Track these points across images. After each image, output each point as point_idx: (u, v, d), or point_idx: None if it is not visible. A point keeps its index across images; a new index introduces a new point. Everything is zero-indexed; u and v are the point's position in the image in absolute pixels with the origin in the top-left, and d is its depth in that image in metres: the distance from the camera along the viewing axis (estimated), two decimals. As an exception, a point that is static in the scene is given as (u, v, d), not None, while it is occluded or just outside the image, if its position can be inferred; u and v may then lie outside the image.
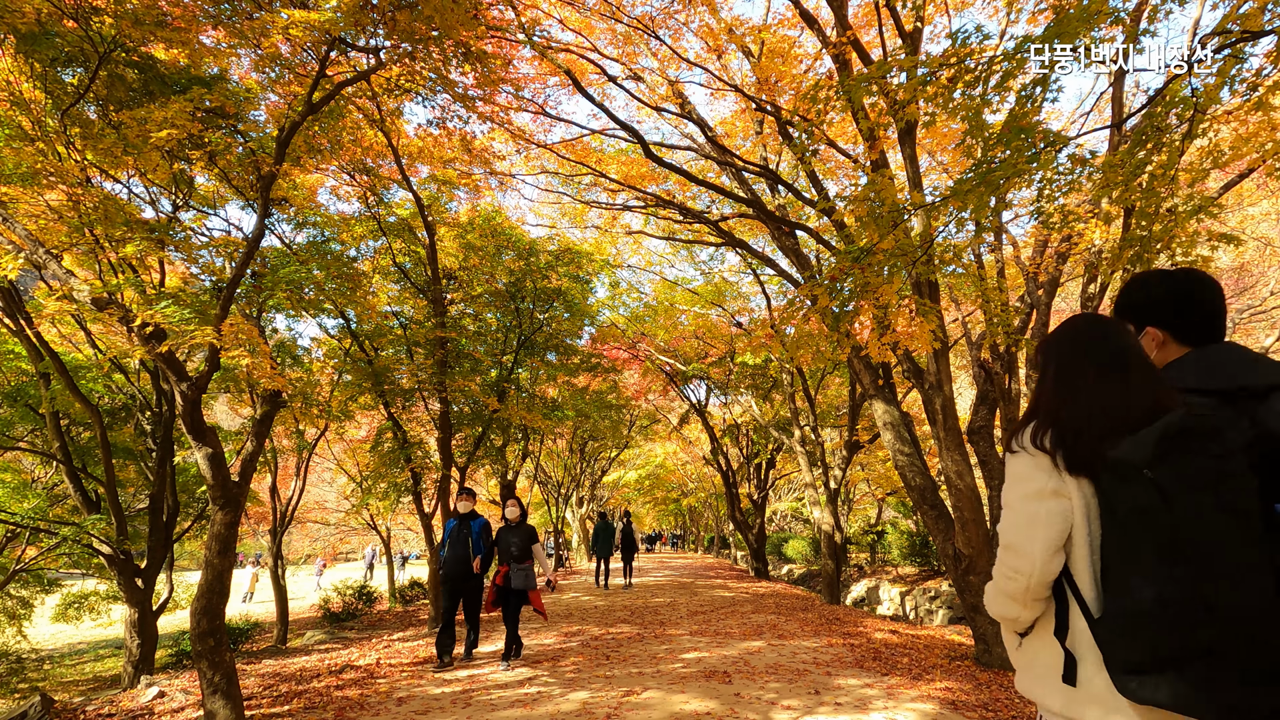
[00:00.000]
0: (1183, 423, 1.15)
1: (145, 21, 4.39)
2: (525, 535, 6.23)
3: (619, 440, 22.55)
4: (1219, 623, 1.08)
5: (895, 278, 4.44)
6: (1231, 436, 1.16)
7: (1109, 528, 1.21)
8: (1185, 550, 1.11)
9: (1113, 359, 1.32)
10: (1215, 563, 1.10)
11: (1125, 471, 1.18)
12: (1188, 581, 1.10)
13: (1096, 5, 3.30)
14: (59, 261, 4.50)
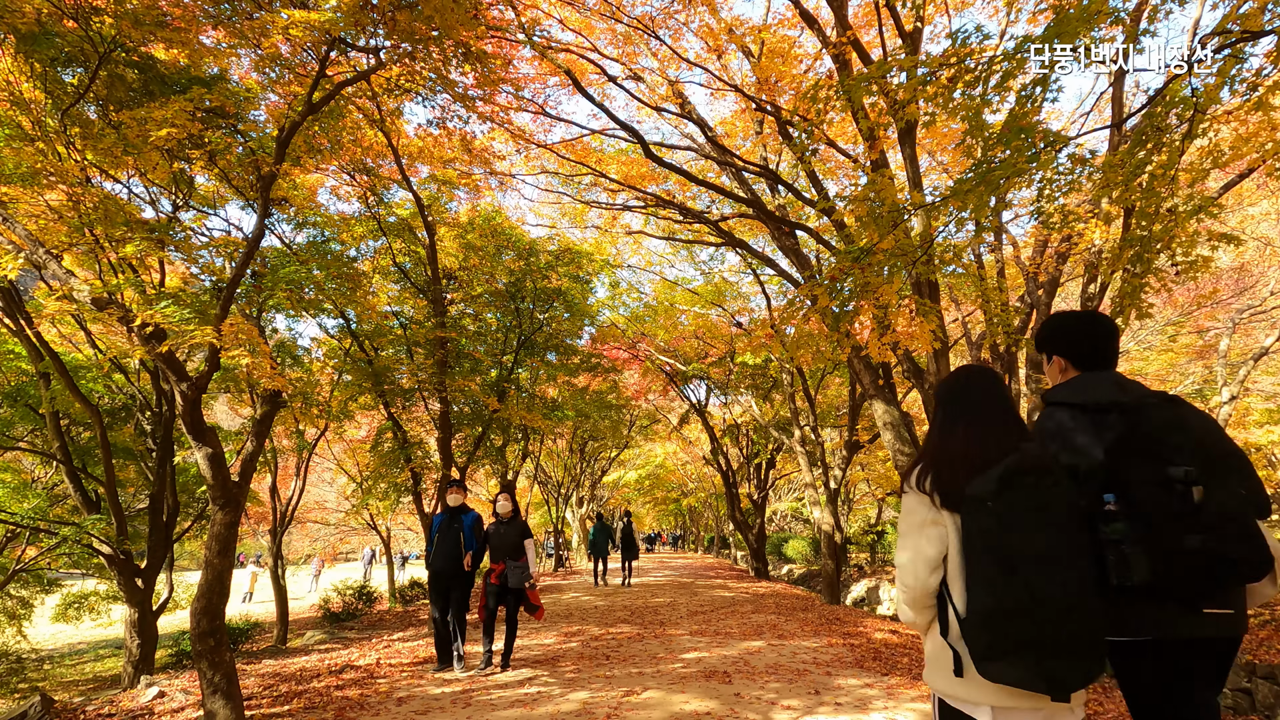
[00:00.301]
0: (1016, 464, 1.51)
1: (145, 21, 4.39)
2: (519, 531, 5.92)
3: (619, 440, 22.55)
4: (1040, 616, 1.44)
5: (895, 278, 4.43)
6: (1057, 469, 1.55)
7: (967, 548, 1.54)
8: (1015, 563, 1.46)
9: (975, 411, 1.68)
10: (1037, 572, 1.45)
11: (975, 505, 1.52)
12: (1018, 587, 1.45)
13: (1096, 5, 3.30)
14: (59, 261, 4.50)
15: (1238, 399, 15.27)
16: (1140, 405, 1.73)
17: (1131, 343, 15.80)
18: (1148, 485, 1.65)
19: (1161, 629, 1.68)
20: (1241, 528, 1.60)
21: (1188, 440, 1.66)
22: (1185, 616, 1.65)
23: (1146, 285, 4.00)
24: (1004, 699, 1.53)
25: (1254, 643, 7.23)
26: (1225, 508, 1.60)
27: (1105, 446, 1.71)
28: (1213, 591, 1.64)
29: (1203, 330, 16.99)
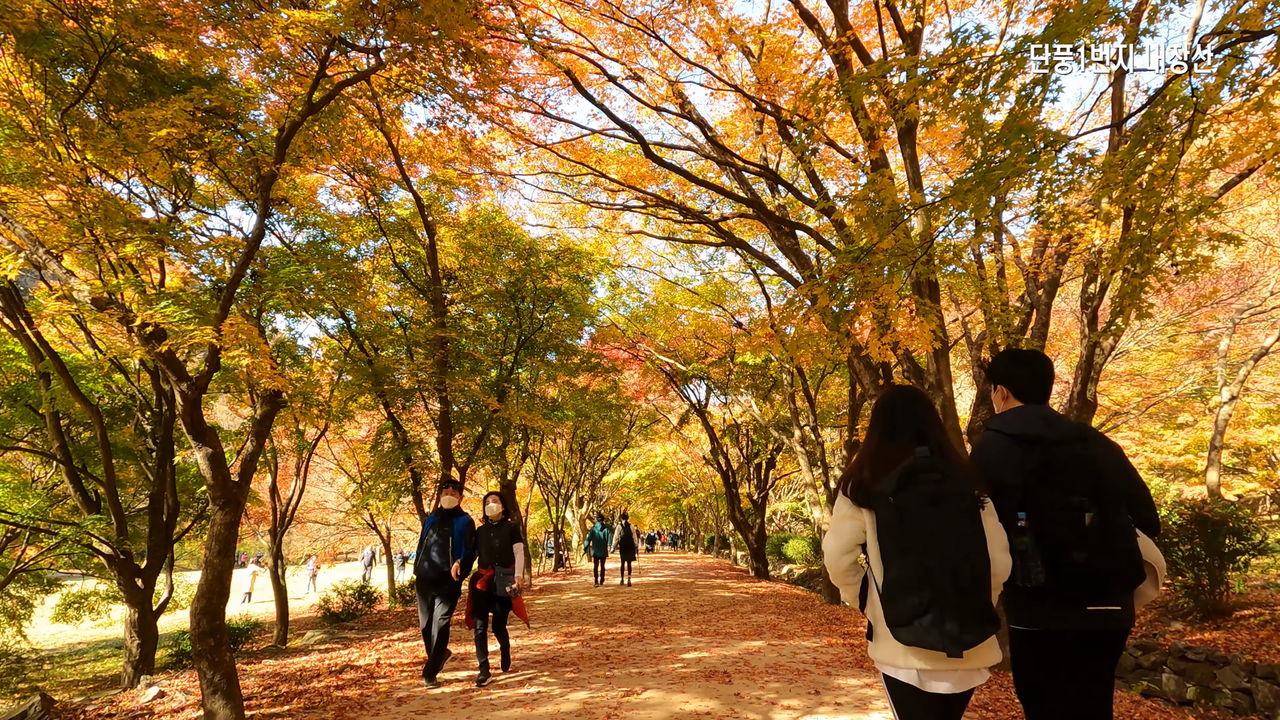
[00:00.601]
0: (910, 465, 1.90)
1: (145, 21, 4.39)
2: (509, 534, 5.57)
3: (619, 440, 22.55)
4: (935, 588, 1.79)
5: (895, 277, 4.43)
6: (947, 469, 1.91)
7: (878, 535, 1.94)
8: (910, 544, 1.85)
9: (891, 425, 2.07)
10: (930, 551, 1.82)
11: (882, 500, 1.91)
12: (916, 565, 1.83)
13: (1096, 5, 3.30)
14: (59, 261, 4.50)
15: (1238, 399, 15.26)
16: (1059, 441, 2.10)
17: (1131, 343, 15.79)
18: (1051, 509, 2.05)
19: (1049, 622, 2.11)
20: (1120, 547, 2.02)
21: (1088, 475, 2.06)
22: (1070, 613, 2.06)
23: (1146, 285, 4.00)
24: (917, 661, 1.91)
25: (1254, 643, 7.23)
26: (1109, 531, 2.02)
27: (1024, 473, 2.09)
28: (1097, 595, 2.03)
29: (1203, 330, 16.99)
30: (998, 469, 2.12)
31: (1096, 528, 2.02)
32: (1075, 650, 2.12)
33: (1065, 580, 2.02)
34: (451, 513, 5.57)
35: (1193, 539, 8.22)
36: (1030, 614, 2.17)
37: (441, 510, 5.60)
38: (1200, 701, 7.14)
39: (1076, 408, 5.87)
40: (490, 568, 5.46)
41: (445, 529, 5.44)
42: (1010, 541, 2.00)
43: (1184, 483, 18.92)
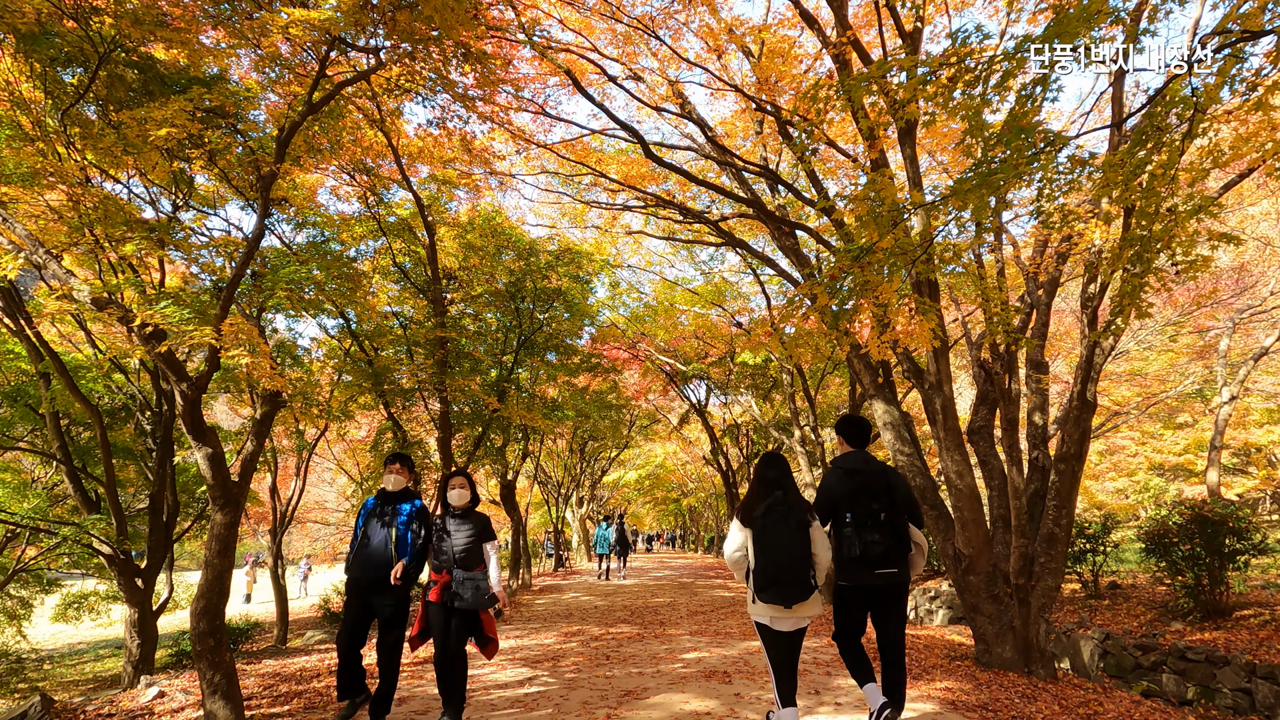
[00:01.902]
0: (768, 505, 3.32)
1: (145, 21, 4.39)
2: (476, 529, 4.27)
3: (619, 440, 22.55)
4: (779, 571, 3.20)
5: (895, 277, 4.43)
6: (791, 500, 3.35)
7: (754, 543, 3.30)
8: (770, 547, 3.25)
9: (759, 481, 3.48)
10: (778, 552, 3.24)
11: (755, 523, 3.31)
12: (770, 559, 3.25)
13: (1096, 5, 3.30)
14: (59, 261, 4.50)
15: (1238, 399, 15.26)
16: (869, 472, 3.59)
17: (1131, 343, 15.79)
18: (862, 511, 3.50)
19: (857, 579, 3.54)
20: (899, 534, 3.51)
21: (884, 492, 3.54)
22: (869, 573, 3.48)
23: (1146, 285, 4.00)
24: (770, 611, 3.34)
25: (1254, 643, 7.23)
26: (894, 524, 3.51)
27: (847, 490, 3.56)
28: (884, 563, 3.46)
29: (1203, 330, 16.99)
30: (835, 488, 3.61)
31: (886, 523, 3.50)
32: (871, 596, 3.59)
33: (866, 554, 3.46)
34: (398, 496, 4.32)
35: (1193, 539, 8.22)
36: (848, 574, 3.56)
37: (384, 493, 4.33)
38: (1200, 701, 7.14)
39: (1076, 408, 5.88)
40: (446, 572, 4.18)
41: (388, 517, 4.21)
42: (839, 530, 3.53)
43: (1184, 483, 18.92)
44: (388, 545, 4.13)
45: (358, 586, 4.16)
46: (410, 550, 4.15)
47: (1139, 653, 7.97)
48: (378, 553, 4.11)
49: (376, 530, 4.17)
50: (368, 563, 4.10)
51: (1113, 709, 5.06)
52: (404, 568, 4.07)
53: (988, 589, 5.94)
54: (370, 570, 4.08)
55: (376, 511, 4.24)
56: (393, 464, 4.40)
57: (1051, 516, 5.86)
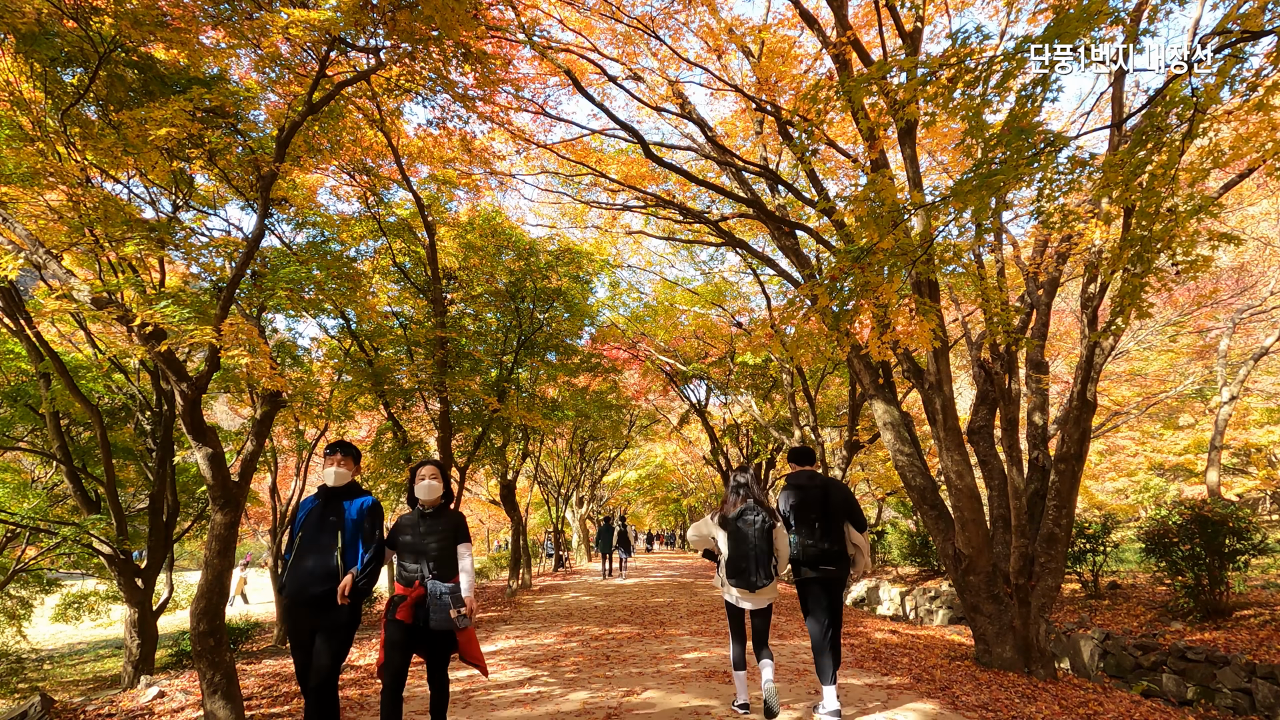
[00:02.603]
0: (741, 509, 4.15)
1: (145, 22, 4.39)
2: (449, 530, 3.59)
3: (619, 440, 22.55)
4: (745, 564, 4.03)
5: (895, 277, 4.43)
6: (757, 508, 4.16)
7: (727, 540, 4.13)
8: (740, 544, 4.08)
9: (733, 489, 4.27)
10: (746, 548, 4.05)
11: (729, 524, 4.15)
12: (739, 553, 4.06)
13: (1096, 5, 3.30)
14: (59, 261, 4.50)
15: (1238, 399, 15.26)
16: (812, 489, 4.33)
17: (1131, 343, 15.79)
18: (806, 521, 4.26)
19: (804, 575, 4.25)
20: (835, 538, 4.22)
21: (824, 502, 4.28)
22: (814, 570, 4.20)
23: (1147, 285, 4.00)
24: (737, 593, 4.07)
25: (1254, 643, 7.23)
26: (831, 531, 4.23)
27: (793, 503, 4.32)
28: (824, 562, 4.19)
29: (1203, 330, 16.99)
30: (785, 502, 4.41)
31: (823, 530, 4.25)
32: (818, 588, 4.26)
33: (811, 556, 4.23)
34: (342, 492, 3.55)
35: (1193, 539, 8.22)
36: (799, 572, 4.32)
37: (325, 490, 3.55)
38: (1200, 701, 7.14)
39: (1076, 408, 5.87)
40: (418, 585, 3.48)
41: (332, 519, 3.45)
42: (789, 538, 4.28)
43: (1184, 483, 18.92)
44: (332, 554, 3.36)
45: (295, 607, 3.36)
46: (363, 556, 3.41)
47: (1139, 653, 7.97)
48: (320, 564, 3.34)
49: (317, 536, 3.40)
50: (308, 577, 3.32)
51: (1113, 709, 5.06)
52: (354, 580, 3.33)
53: (988, 589, 5.94)
54: (311, 585, 3.30)
55: (317, 513, 3.48)
56: (332, 454, 3.59)
57: (1051, 516, 5.86)
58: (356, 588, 3.36)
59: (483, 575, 21.88)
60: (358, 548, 3.45)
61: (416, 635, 3.47)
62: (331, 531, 3.41)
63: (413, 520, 3.64)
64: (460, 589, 3.52)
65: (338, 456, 3.58)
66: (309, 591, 3.31)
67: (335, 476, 3.53)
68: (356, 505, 3.51)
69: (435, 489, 3.62)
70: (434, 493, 3.62)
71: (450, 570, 3.53)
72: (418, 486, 3.66)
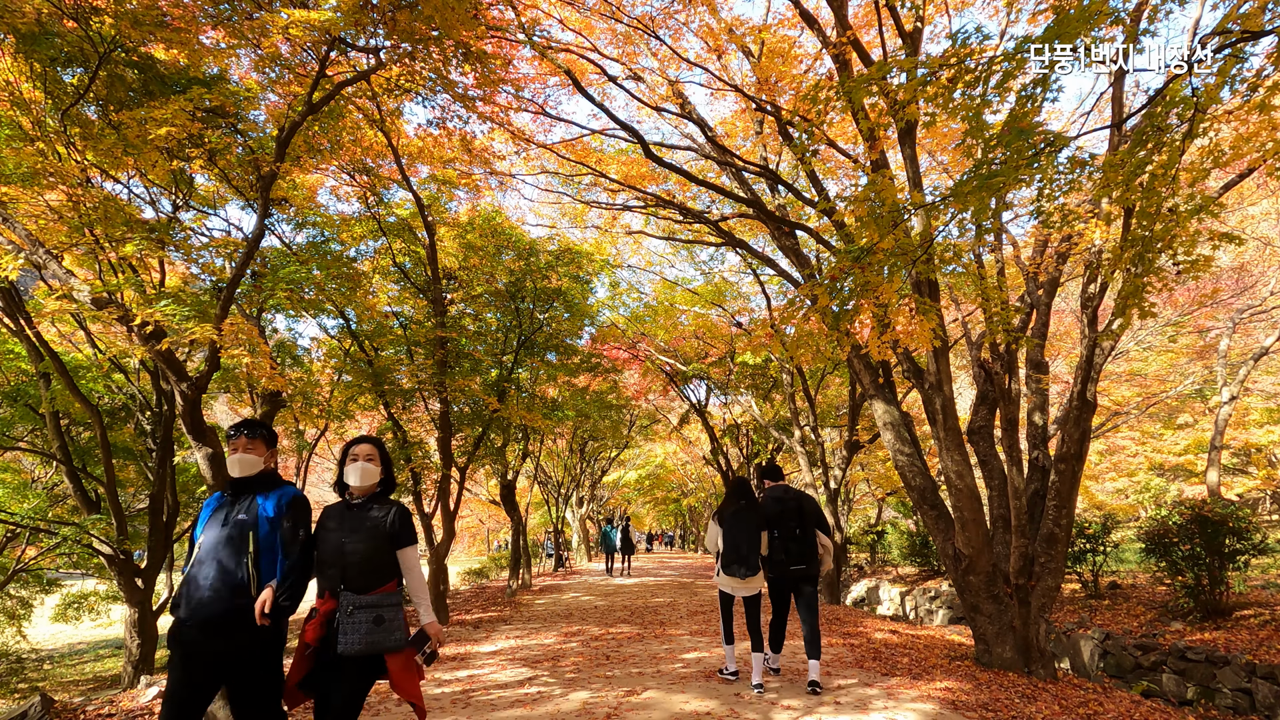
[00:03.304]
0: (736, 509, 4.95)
1: (145, 22, 4.39)
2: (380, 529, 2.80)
3: (619, 440, 22.55)
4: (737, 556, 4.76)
5: (895, 277, 4.43)
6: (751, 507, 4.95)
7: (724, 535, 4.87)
8: (733, 539, 4.80)
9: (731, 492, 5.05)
10: (740, 539, 4.77)
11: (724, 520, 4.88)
12: (732, 547, 4.79)
13: (1096, 5, 3.30)
14: (59, 261, 4.50)
15: (1238, 399, 15.27)
16: (785, 499, 5.08)
17: (1131, 343, 15.80)
18: (784, 528, 4.99)
19: (779, 574, 5.02)
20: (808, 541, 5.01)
21: (798, 511, 5.04)
22: (788, 569, 4.96)
23: (1148, 285, 4.00)
24: (730, 582, 4.86)
25: (1254, 643, 7.23)
26: (805, 536, 5.00)
27: (772, 513, 5.03)
28: (796, 562, 4.95)
29: (1203, 330, 16.99)
30: (766, 512, 5.04)
31: (798, 536, 5.00)
32: (790, 584, 5.05)
33: (785, 557, 4.98)
34: (254, 484, 2.79)
35: (1193, 539, 8.22)
36: (774, 571, 5.04)
37: (233, 483, 2.80)
38: (1200, 701, 7.14)
39: (1076, 408, 5.87)
40: (328, 597, 2.75)
41: (240, 518, 2.69)
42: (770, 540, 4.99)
43: (1184, 483, 18.93)
44: (241, 562, 2.59)
45: (188, 633, 2.52)
46: (281, 563, 2.67)
47: (1139, 653, 7.97)
48: (223, 576, 2.57)
49: (221, 540, 2.63)
50: (207, 593, 2.54)
51: (1113, 709, 5.06)
52: (273, 595, 2.57)
53: (988, 589, 5.94)
54: (213, 604, 2.52)
55: (222, 512, 2.72)
56: (236, 436, 2.79)
57: (1051, 516, 5.86)
58: (278, 604, 2.57)
59: (483, 575, 21.89)
60: (276, 554, 2.68)
61: (328, 659, 2.72)
62: (239, 534, 2.64)
63: (336, 513, 2.85)
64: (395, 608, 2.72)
65: (243, 439, 2.78)
66: (208, 611, 2.51)
67: (241, 464, 2.76)
68: (274, 500, 2.76)
69: (370, 473, 2.86)
70: (368, 478, 2.86)
71: (375, 578, 2.74)
72: (348, 469, 2.87)
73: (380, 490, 2.93)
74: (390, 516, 2.83)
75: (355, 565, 2.74)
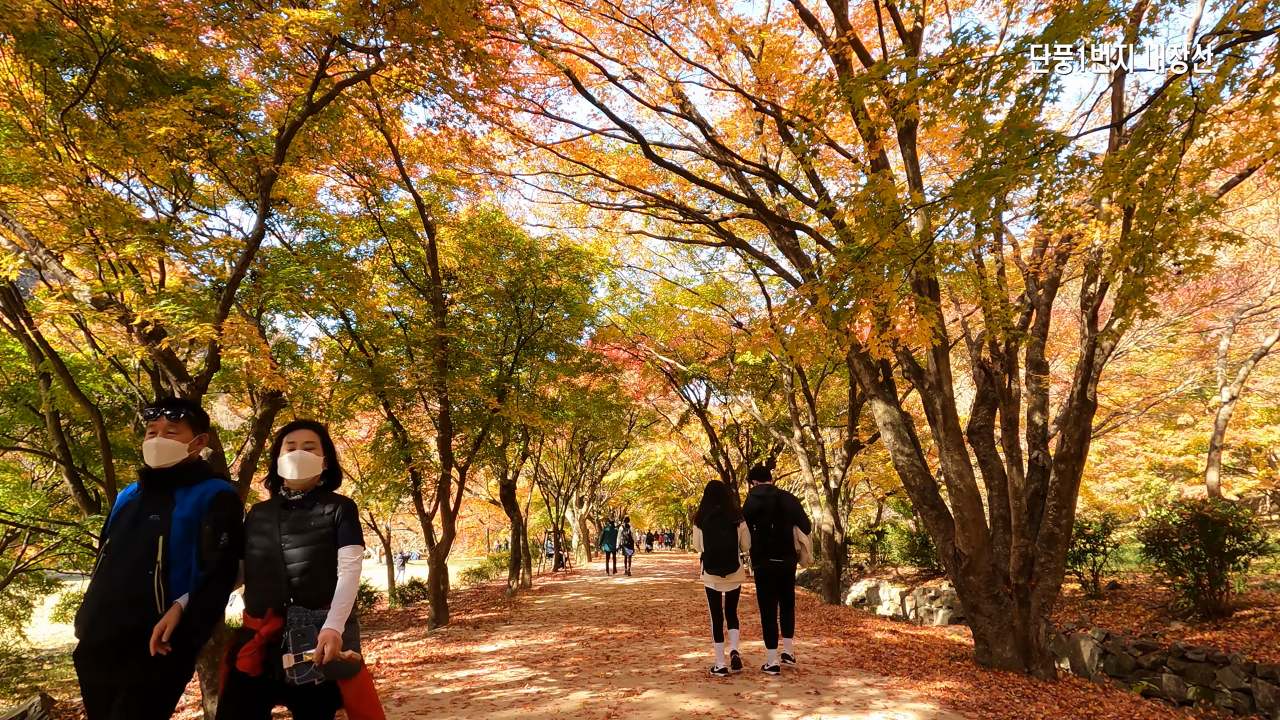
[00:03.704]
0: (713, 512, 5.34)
1: (145, 22, 4.39)
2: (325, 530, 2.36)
3: (619, 440, 22.55)
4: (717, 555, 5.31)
5: (895, 276, 4.43)
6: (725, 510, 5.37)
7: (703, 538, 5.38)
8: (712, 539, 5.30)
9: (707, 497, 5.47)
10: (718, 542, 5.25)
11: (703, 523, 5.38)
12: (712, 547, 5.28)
13: (1096, 5, 3.30)
14: (59, 261, 4.50)
15: (1238, 399, 15.26)
16: (767, 497, 5.55)
17: (1131, 343, 15.80)
18: (762, 523, 5.48)
19: (759, 566, 5.52)
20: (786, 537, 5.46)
21: (776, 508, 5.48)
22: (768, 562, 5.47)
23: (1149, 285, 4.00)
24: (713, 579, 5.33)
25: (1254, 643, 7.23)
26: (783, 531, 5.46)
27: (754, 510, 5.51)
28: (774, 555, 5.45)
29: (1203, 330, 16.99)
30: (747, 509, 5.53)
31: (776, 531, 5.40)
32: (769, 576, 5.50)
33: (764, 549, 5.43)
34: (170, 477, 2.33)
35: (1193, 539, 8.22)
36: (756, 562, 5.51)
37: (148, 475, 2.33)
38: (1200, 701, 7.14)
39: (1076, 408, 5.87)
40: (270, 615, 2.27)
41: (152, 517, 2.24)
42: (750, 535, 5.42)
43: (1184, 483, 18.93)
44: (146, 572, 2.12)
45: (82, 661, 2.12)
46: (195, 580, 2.21)
47: (1139, 653, 7.97)
48: (125, 588, 2.12)
49: (127, 544, 2.18)
50: (106, 608, 2.12)
51: (1113, 709, 5.06)
52: (180, 614, 2.13)
53: (988, 589, 5.94)
54: (107, 625, 2.09)
55: (132, 510, 2.26)
56: (155, 417, 2.34)
57: (1051, 516, 5.85)
58: (187, 627, 2.12)
59: (483, 575, 21.88)
60: (191, 557, 2.22)
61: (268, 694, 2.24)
62: (148, 537, 2.17)
63: (270, 514, 2.35)
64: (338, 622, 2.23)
65: (163, 421, 2.32)
66: (101, 634, 2.07)
67: (159, 451, 2.28)
68: (194, 496, 2.29)
69: (311, 464, 2.39)
70: (308, 469, 2.38)
71: (328, 592, 2.27)
72: (284, 459, 2.38)
73: (324, 484, 2.48)
74: (336, 512, 2.40)
75: (304, 574, 2.28)
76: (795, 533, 5.48)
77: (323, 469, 2.47)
